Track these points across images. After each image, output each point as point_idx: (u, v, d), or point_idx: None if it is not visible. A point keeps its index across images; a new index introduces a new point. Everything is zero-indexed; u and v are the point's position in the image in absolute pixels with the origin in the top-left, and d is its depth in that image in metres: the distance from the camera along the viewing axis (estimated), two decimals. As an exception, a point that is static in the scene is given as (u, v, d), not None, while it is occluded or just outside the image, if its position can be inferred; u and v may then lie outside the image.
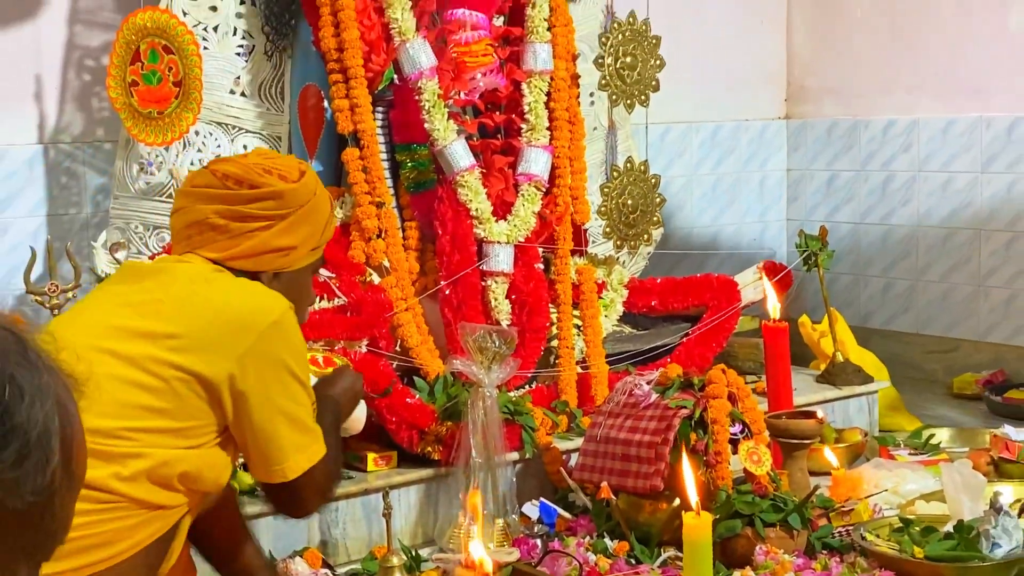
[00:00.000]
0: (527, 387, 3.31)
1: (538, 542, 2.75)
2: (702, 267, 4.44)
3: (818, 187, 5.02)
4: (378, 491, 2.86)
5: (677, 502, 2.73)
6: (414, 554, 2.75)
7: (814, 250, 3.85)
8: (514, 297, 3.33)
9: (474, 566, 2.12)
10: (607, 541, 2.73)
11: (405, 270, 3.22)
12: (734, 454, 2.84)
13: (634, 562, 2.68)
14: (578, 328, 3.45)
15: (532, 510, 2.95)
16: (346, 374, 2.47)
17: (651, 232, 3.90)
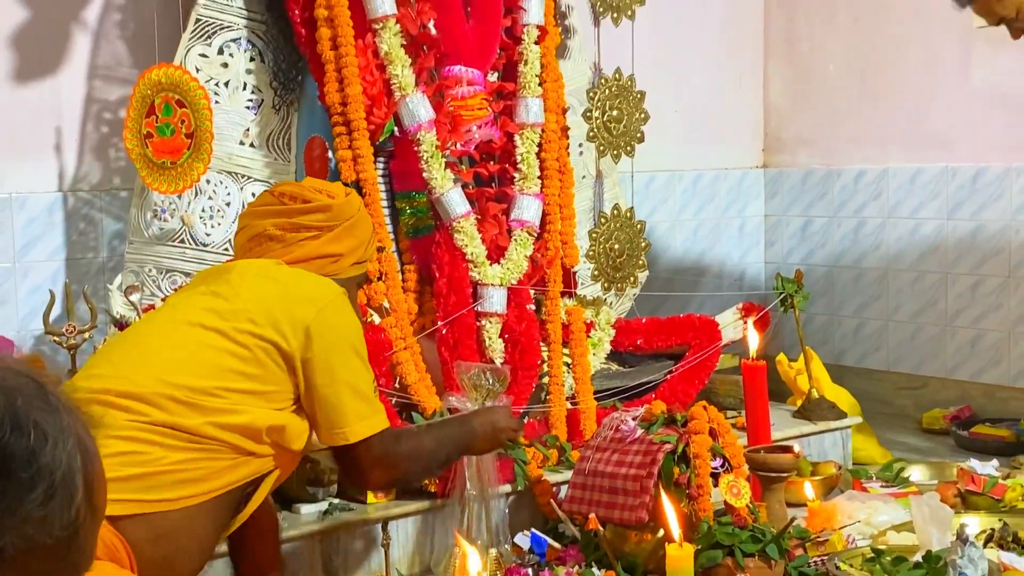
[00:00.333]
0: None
1: (529, 571, 2.73)
2: (685, 308, 4.44)
3: (794, 232, 5.03)
4: (377, 522, 2.85)
5: (661, 533, 2.72)
6: (412, 582, 2.74)
7: (790, 292, 3.85)
8: (507, 336, 3.32)
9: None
10: (595, 570, 2.72)
11: (404, 311, 3.21)
12: (715, 487, 2.83)
13: (620, 590, 2.67)
14: (568, 366, 3.44)
15: (524, 540, 2.92)
16: (500, 412, 2.65)
17: (637, 275, 3.91)
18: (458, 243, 3.25)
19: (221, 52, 3.27)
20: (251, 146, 3.33)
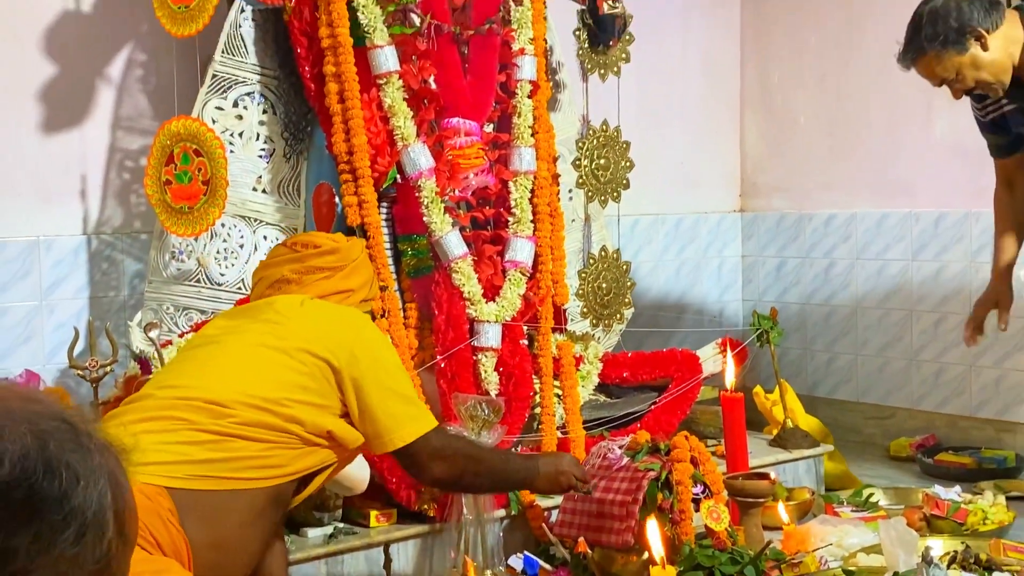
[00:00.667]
0: (513, 450, 3.29)
1: (522, 591, 2.72)
2: (668, 343, 4.43)
3: (769, 272, 5.04)
4: (380, 545, 2.84)
5: (646, 555, 2.70)
6: (412, 602, 2.72)
7: (766, 328, 3.85)
8: (502, 370, 3.30)
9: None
10: (584, 590, 2.71)
11: (405, 346, 3.20)
12: (697, 512, 2.82)
13: (608, 609, 2.65)
14: (558, 397, 3.43)
15: (517, 562, 2.91)
16: (566, 458, 2.68)
17: (623, 312, 3.91)
18: (456, 282, 3.25)
19: (236, 105, 3.28)
20: (263, 192, 3.33)
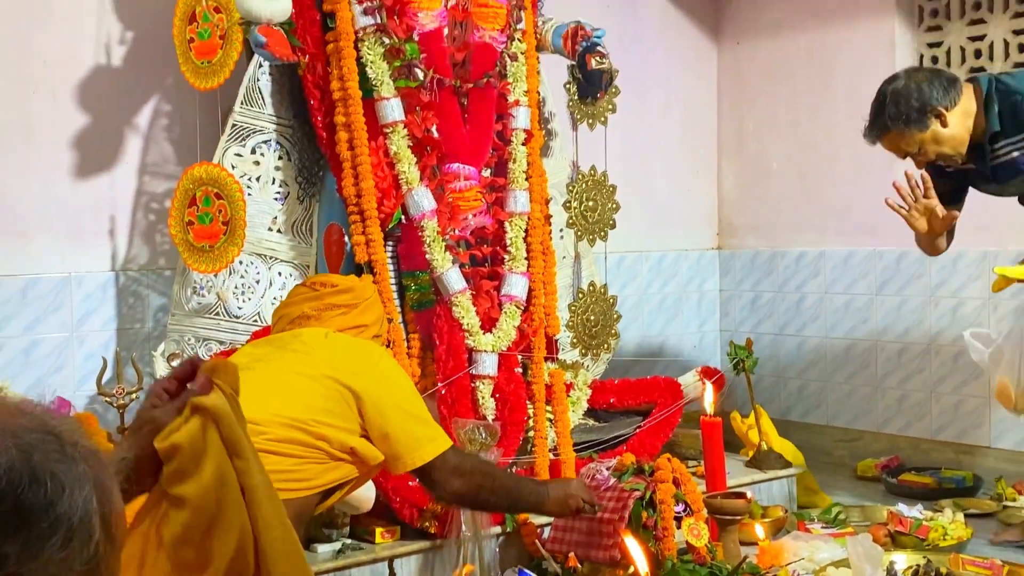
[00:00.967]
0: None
1: (517, 603, 2.72)
2: (651, 370, 4.44)
3: (744, 305, 5.05)
4: (385, 560, 2.83)
5: (632, 569, 2.70)
6: (414, 613, 2.71)
7: (742, 357, 3.85)
8: (498, 396, 3.30)
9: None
10: (574, 602, 2.70)
11: (409, 374, 3.19)
12: (678, 529, 2.82)
13: (596, 620, 2.65)
14: (550, 421, 3.42)
15: (512, 576, 2.91)
16: (574, 483, 2.69)
17: (610, 342, 3.91)
18: (456, 315, 3.26)
19: (254, 152, 3.29)
20: (278, 232, 3.34)
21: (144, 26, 3.51)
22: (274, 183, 3.33)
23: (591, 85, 3.70)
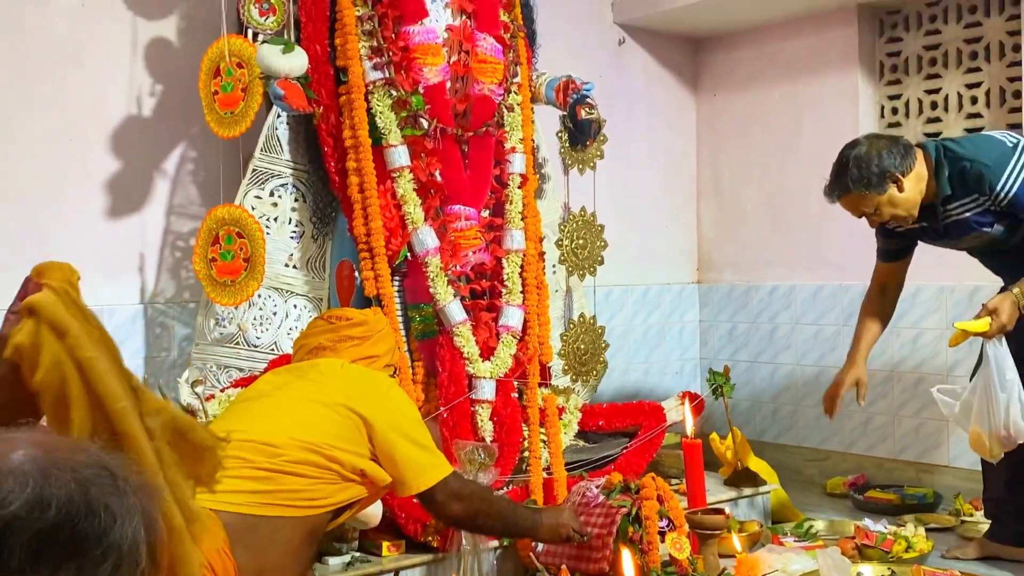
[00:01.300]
0: (505, 489, 3.27)
1: (513, 611, 2.71)
2: (637, 395, 4.46)
3: (722, 335, 5.06)
4: (391, 572, 2.82)
5: (619, 580, 2.70)
6: (419, 621, 2.70)
7: (720, 383, 3.85)
8: (495, 419, 3.30)
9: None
10: (566, 610, 2.69)
11: (413, 399, 3.17)
12: (662, 543, 2.82)
13: (586, 627, 2.64)
14: (544, 443, 3.42)
15: (508, 586, 2.90)
16: (566, 512, 2.68)
17: (599, 369, 3.91)
18: (457, 344, 3.27)
19: (272, 195, 3.32)
20: (294, 267, 3.35)
21: (172, 79, 3.54)
22: (290, 223, 3.35)
23: (581, 134, 3.73)
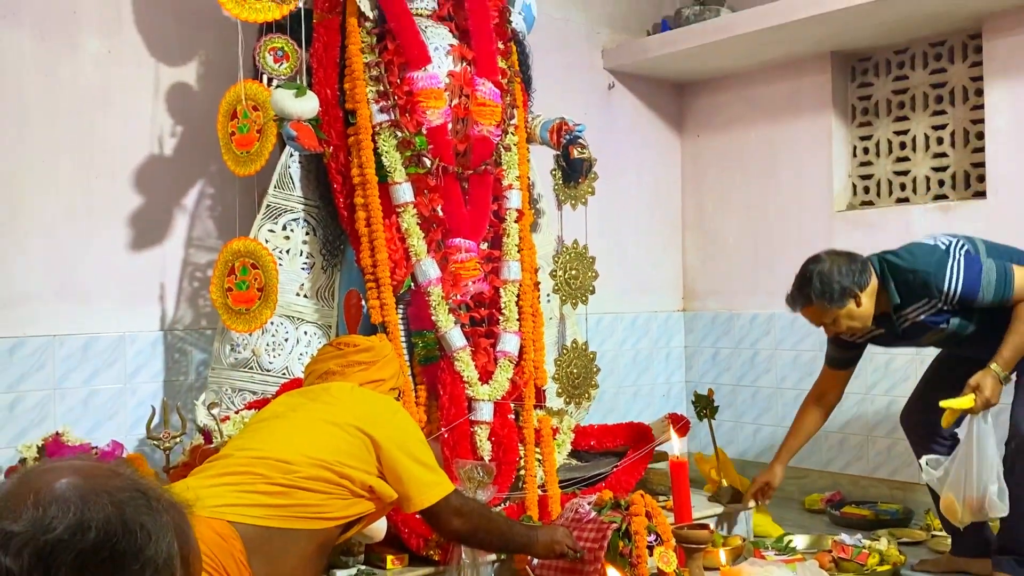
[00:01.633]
0: (502, 505, 3.26)
1: (510, 622, 2.68)
2: (626, 416, 4.45)
3: (707, 359, 5.06)
4: (395, 583, 2.80)
5: (610, 592, 2.68)
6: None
7: (704, 405, 3.84)
8: (493, 439, 3.29)
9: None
10: (560, 621, 2.67)
11: (416, 420, 3.16)
12: (651, 556, 2.81)
13: (579, 637, 2.62)
14: (539, 461, 3.40)
15: (506, 597, 2.88)
16: (560, 530, 2.67)
17: (591, 392, 3.90)
18: (457, 368, 3.26)
19: (284, 228, 3.32)
20: (304, 296, 3.35)
21: (192, 121, 3.56)
22: (301, 255, 3.35)
23: (573, 172, 3.74)
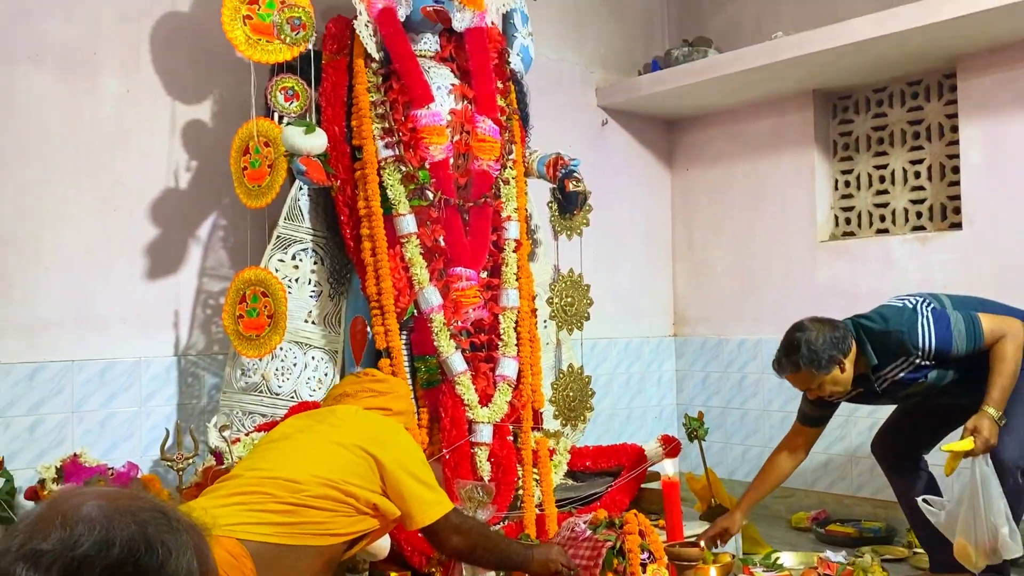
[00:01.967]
0: (501, 524, 3.23)
1: (508, 637, 2.65)
2: (620, 438, 4.43)
3: (697, 383, 5.04)
4: (398, 600, 2.76)
5: (605, 608, 2.65)
6: (422, 646, 2.64)
7: (695, 426, 3.82)
8: (492, 460, 3.27)
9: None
10: (557, 637, 2.63)
11: (419, 441, 3.14)
12: (644, 574, 2.78)
13: (576, 652, 2.58)
14: (537, 482, 3.39)
15: (504, 614, 2.84)
16: (555, 549, 2.64)
17: (586, 414, 3.89)
18: (458, 392, 3.25)
19: (294, 258, 3.33)
20: (312, 323, 3.35)
21: (206, 156, 3.57)
22: (310, 283, 3.35)
23: (569, 204, 3.75)
